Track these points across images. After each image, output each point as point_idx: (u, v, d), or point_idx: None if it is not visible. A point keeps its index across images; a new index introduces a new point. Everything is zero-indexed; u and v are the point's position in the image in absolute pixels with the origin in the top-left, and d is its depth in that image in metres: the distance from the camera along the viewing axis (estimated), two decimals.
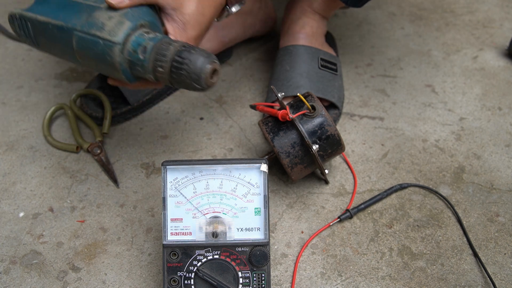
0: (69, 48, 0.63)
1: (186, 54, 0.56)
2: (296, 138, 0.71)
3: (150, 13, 0.63)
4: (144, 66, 0.59)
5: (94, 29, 0.60)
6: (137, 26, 0.60)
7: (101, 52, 0.60)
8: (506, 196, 0.77)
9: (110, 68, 0.61)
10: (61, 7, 0.65)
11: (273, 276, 0.67)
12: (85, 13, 0.62)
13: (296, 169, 0.73)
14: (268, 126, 0.73)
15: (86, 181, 0.80)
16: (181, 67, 0.56)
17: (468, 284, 0.67)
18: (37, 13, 0.65)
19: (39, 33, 0.66)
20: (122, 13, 0.61)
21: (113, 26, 0.59)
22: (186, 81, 0.57)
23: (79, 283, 0.67)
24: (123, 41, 0.59)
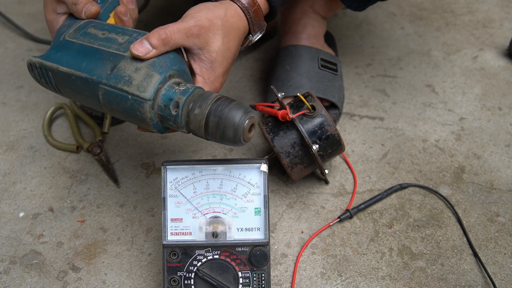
0: (95, 99, 0.60)
1: (222, 109, 0.54)
2: (296, 138, 0.71)
3: (177, 59, 0.60)
4: (177, 121, 0.56)
5: (122, 84, 0.56)
6: (166, 78, 0.56)
7: (130, 107, 0.56)
8: (506, 196, 0.77)
9: (140, 122, 0.58)
10: (82, 54, 0.61)
11: (273, 276, 0.67)
12: (109, 62, 0.59)
13: (296, 169, 0.73)
14: (268, 126, 0.73)
15: (86, 181, 0.80)
16: (216, 125, 0.54)
17: (468, 284, 0.67)
18: (58, 62, 0.62)
19: (61, 83, 0.63)
20: (149, 64, 0.57)
21: (141, 80, 0.56)
22: (224, 137, 0.54)
23: (79, 283, 0.67)
24: (153, 97, 0.55)
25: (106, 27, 0.64)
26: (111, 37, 0.62)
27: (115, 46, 0.60)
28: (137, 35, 0.60)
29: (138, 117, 0.57)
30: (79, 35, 0.63)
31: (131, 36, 0.61)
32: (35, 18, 1.14)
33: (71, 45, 0.63)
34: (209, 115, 0.54)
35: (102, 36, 0.62)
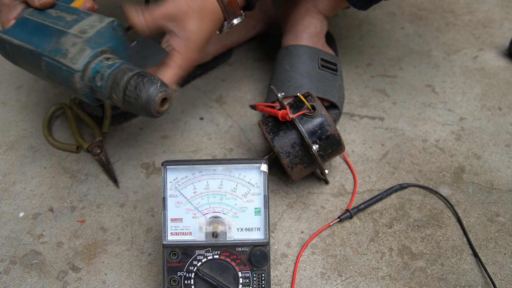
0: (40, 71, 0.66)
1: (138, 82, 0.58)
2: (296, 138, 0.71)
3: (113, 37, 0.65)
4: (102, 92, 0.61)
5: (59, 56, 0.62)
6: (97, 53, 0.62)
7: (65, 78, 0.63)
8: (506, 196, 0.77)
9: (74, 92, 0.64)
10: (35, 30, 0.68)
11: (273, 276, 0.67)
12: (55, 37, 0.65)
13: (296, 169, 0.73)
14: (268, 126, 0.73)
15: (86, 181, 0.80)
16: (131, 95, 0.58)
17: (468, 284, 0.67)
18: (13, 36, 0.68)
19: (16, 55, 0.70)
20: (85, 39, 0.63)
21: (75, 53, 0.62)
22: (138, 108, 0.59)
23: (79, 283, 0.67)
24: (83, 68, 0.61)
25: (61, 7, 0.70)
26: (61, 15, 0.68)
27: (62, 23, 0.66)
28: (85, 15, 0.67)
29: (72, 87, 0.63)
30: (36, 13, 0.69)
31: (78, 16, 0.67)
32: None
33: (28, 21, 0.69)
34: (126, 88, 0.58)
35: (55, 14, 0.68)
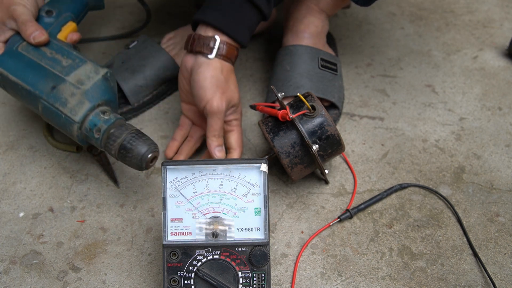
0: (35, 108, 0.73)
1: (132, 142, 0.67)
2: (296, 138, 0.71)
3: (106, 90, 0.73)
4: (97, 143, 0.70)
5: (58, 104, 0.70)
6: (94, 106, 0.70)
7: (63, 123, 0.71)
8: (506, 196, 0.77)
9: (69, 135, 0.72)
10: (30, 68, 0.73)
11: (273, 276, 0.67)
12: (51, 81, 0.71)
13: (296, 169, 0.73)
14: (268, 126, 0.73)
15: (86, 181, 0.80)
16: (126, 153, 0.68)
17: (468, 284, 0.67)
18: (8, 70, 0.73)
19: (8, 87, 0.75)
20: (83, 91, 0.70)
21: (75, 104, 0.70)
22: (130, 163, 0.68)
23: (79, 283, 0.67)
24: (81, 120, 0.70)
25: (55, 47, 0.75)
26: (57, 58, 0.74)
27: (59, 67, 0.72)
28: (79, 61, 0.73)
29: (68, 132, 0.71)
30: (31, 49, 0.74)
31: (73, 61, 0.73)
32: None
33: (22, 56, 0.73)
34: (121, 145, 0.68)
35: (50, 55, 0.74)
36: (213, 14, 0.72)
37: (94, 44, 1.07)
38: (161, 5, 1.18)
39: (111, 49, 1.05)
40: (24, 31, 0.73)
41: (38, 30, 0.73)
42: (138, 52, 0.92)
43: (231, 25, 0.72)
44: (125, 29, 1.11)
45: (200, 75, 0.72)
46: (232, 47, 0.73)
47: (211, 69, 0.72)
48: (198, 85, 0.72)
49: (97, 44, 1.07)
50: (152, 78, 0.90)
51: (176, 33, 0.98)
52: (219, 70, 0.73)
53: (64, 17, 0.79)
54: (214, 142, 0.74)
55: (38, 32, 0.73)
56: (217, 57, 0.72)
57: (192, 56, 0.74)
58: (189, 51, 0.74)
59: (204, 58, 0.73)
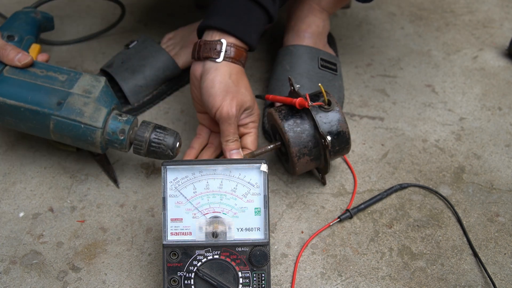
0: (42, 127, 0.72)
1: (159, 136, 0.72)
2: (309, 129, 0.71)
3: (112, 94, 0.75)
4: (123, 143, 0.72)
5: (74, 115, 0.70)
6: (110, 110, 0.72)
7: (82, 134, 0.71)
8: (506, 196, 0.77)
9: (87, 144, 0.73)
10: (26, 89, 0.72)
11: (273, 276, 0.67)
12: (55, 97, 0.71)
13: (302, 160, 0.72)
14: (281, 113, 0.73)
15: (86, 181, 0.80)
16: (156, 148, 0.72)
17: (468, 284, 0.67)
18: (2, 95, 0.72)
19: (5, 113, 0.73)
20: (95, 99, 0.71)
21: (92, 112, 0.71)
22: (161, 155, 0.73)
23: (79, 283, 0.67)
24: (103, 126, 0.71)
25: (42, 66, 0.75)
26: (50, 75, 0.74)
27: (58, 83, 0.73)
28: (74, 74, 0.74)
29: (89, 141, 0.72)
30: (18, 72, 0.74)
31: (69, 75, 0.74)
32: None
33: (12, 80, 0.73)
34: (150, 141, 0.72)
35: (41, 74, 0.74)
36: (219, 18, 0.71)
37: (94, 44, 1.07)
38: (161, 5, 1.18)
39: (111, 49, 1.05)
40: (5, 56, 0.73)
41: (20, 52, 0.73)
42: (138, 52, 0.92)
43: (238, 26, 0.71)
44: (125, 29, 1.11)
45: (208, 82, 0.71)
46: (241, 49, 0.72)
47: (219, 74, 0.71)
48: (207, 93, 0.71)
49: (97, 44, 1.07)
50: (152, 78, 0.90)
51: (176, 33, 0.98)
52: (227, 74, 0.71)
53: (27, 40, 0.79)
54: (228, 146, 0.72)
55: (21, 55, 0.73)
56: (225, 60, 0.71)
57: (200, 63, 0.73)
58: (197, 59, 0.73)
59: (212, 63, 0.71)
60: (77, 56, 1.04)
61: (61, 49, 1.06)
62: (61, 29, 1.12)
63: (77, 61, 1.03)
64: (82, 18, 1.13)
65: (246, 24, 0.72)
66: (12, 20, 0.82)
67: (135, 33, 1.10)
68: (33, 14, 0.85)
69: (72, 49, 1.06)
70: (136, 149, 0.73)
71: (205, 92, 0.71)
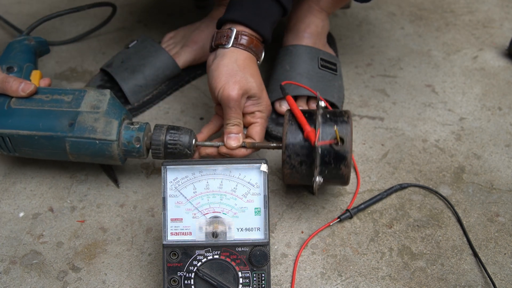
0: (59, 151, 0.73)
1: (174, 137, 0.72)
2: (307, 155, 0.67)
3: (121, 105, 0.75)
4: (140, 151, 0.72)
5: (87, 133, 0.71)
6: (121, 121, 0.72)
7: (99, 150, 0.71)
8: (506, 196, 0.77)
9: (106, 159, 0.73)
10: (35, 117, 0.72)
11: (273, 276, 0.67)
12: (66, 119, 0.72)
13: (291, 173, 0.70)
14: (292, 116, 0.69)
15: (86, 181, 0.80)
16: (174, 149, 0.72)
17: (468, 284, 0.67)
18: (15, 128, 0.72)
19: (21, 145, 0.74)
20: (104, 113, 0.72)
21: (104, 127, 0.71)
22: (179, 155, 0.72)
23: (79, 283, 0.67)
24: (117, 138, 0.71)
25: (45, 91, 0.75)
26: (56, 98, 0.74)
27: (65, 105, 0.73)
28: (79, 92, 0.74)
29: (106, 155, 0.72)
30: (25, 101, 0.74)
31: (74, 95, 0.74)
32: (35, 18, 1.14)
33: (20, 111, 0.73)
34: (167, 144, 0.71)
35: (47, 99, 0.74)
36: (235, 11, 0.73)
37: (94, 44, 1.07)
38: (161, 5, 1.19)
39: (111, 49, 1.05)
40: (9, 88, 0.73)
41: (22, 82, 0.74)
42: (137, 52, 0.92)
43: (251, 17, 0.72)
44: (125, 29, 1.11)
45: (214, 66, 0.72)
46: (252, 37, 0.72)
47: (225, 58, 0.72)
48: (211, 76, 0.72)
49: (97, 44, 1.07)
50: (152, 78, 0.90)
51: (177, 33, 0.98)
52: (233, 59, 0.72)
53: (26, 68, 0.80)
54: (227, 129, 0.72)
55: (24, 84, 0.73)
56: (234, 47, 0.72)
57: (213, 53, 0.74)
58: (210, 49, 0.75)
59: (222, 49, 0.72)
60: (77, 56, 1.04)
61: (61, 49, 1.06)
62: (61, 29, 1.12)
63: (77, 61, 1.03)
64: (82, 18, 1.13)
65: (259, 15, 0.73)
66: (8, 52, 0.82)
67: (135, 33, 1.10)
68: (26, 41, 0.85)
69: (72, 49, 1.06)
70: (155, 154, 0.72)
71: (210, 76, 0.72)
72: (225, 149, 0.72)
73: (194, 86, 0.98)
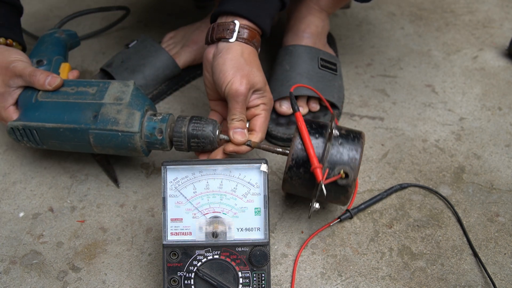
0: (84, 143, 0.72)
1: (197, 128, 0.69)
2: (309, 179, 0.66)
3: (145, 96, 0.74)
4: (163, 143, 0.71)
5: (110, 125, 0.70)
6: (144, 113, 0.71)
7: (121, 142, 0.71)
8: (506, 196, 0.77)
9: (130, 151, 0.72)
10: (61, 109, 0.72)
11: (273, 276, 0.67)
12: (89, 111, 0.71)
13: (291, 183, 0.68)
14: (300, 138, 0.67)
15: (86, 181, 0.80)
16: (198, 140, 0.70)
17: (468, 284, 0.67)
18: (41, 120, 0.72)
19: (48, 137, 0.74)
20: (127, 105, 0.71)
21: (126, 118, 0.70)
22: (204, 148, 0.70)
23: (79, 283, 0.67)
24: (139, 129, 0.70)
25: (72, 83, 0.75)
26: (81, 90, 0.74)
27: (89, 97, 0.73)
28: (103, 84, 0.74)
29: (129, 147, 0.71)
30: (51, 94, 0.74)
31: (98, 86, 0.74)
32: (35, 18, 1.14)
33: (47, 104, 0.73)
34: (190, 135, 0.70)
35: (72, 91, 0.74)
36: (232, 3, 0.72)
37: (94, 44, 1.07)
38: (161, 5, 1.19)
39: (111, 49, 1.05)
40: (36, 82, 0.73)
41: (49, 75, 0.74)
42: (137, 52, 0.92)
43: (252, 9, 0.71)
44: (126, 29, 1.11)
45: (219, 60, 0.70)
46: (254, 31, 0.72)
47: (231, 52, 0.70)
48: (218, 70, 0.70)
49: (97, 44, 1.07)
50: (151, 78, 0.90)
51: (177, 32, 0.98)
52: (239, 53, 0.70)
53: (56, 61, 0.80)
54: (233, 124, 0.70)
55: (50, 77, 0.73)
56: (238, 41, 0.71)
57: (213, 46, 0.73)
58: (210, 42, 0.73)
59: (225, 43, 0.71)
60: (77, 56, 1.04)
61: None
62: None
63: (77, 61, 1.03)
64: (82, 18, 1.13)
65: (259, 8, 0.72)
66: (39, 45, 0.83)
67: (135, 33, 1.10)
68: (57, 34, 0.85)
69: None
70: (178, 146, 0.71)
71: (216, 70, 0.70)
72: (232, 147, 0.70)
73: (194, 86, 0.98)
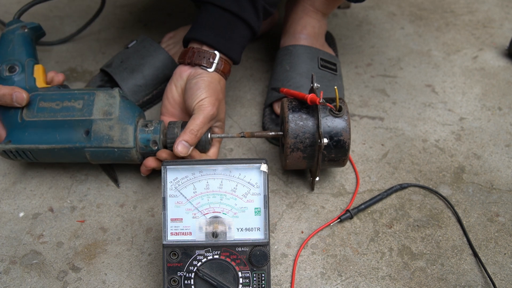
0: (80, 159, 0.73)
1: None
2: (312, 126, 0.71)
3: (133, 105, 0.74)
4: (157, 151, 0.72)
5: (105, 142, 0.71)
6: (136, 125, 0.72)
7: (118, 156, 0.72)
8: (506, 196, 0.77)
9: (127, 161, 0.74)
10: (50, 128, 0.72)
11: (273, 276, 0.67)
12: (81, 128, 0.71)
13: (295, 155, 0.72)
14: (291, 103, 0.73)
15: (86, 181, 0.80)
16: None
17: (468, 284, 0.67)
18: (33, 142, 0.72)
19: (42, 156, 0.74)
20: (118, 119, 0.71)
21: (119, 135, 0.71)
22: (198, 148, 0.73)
23: (79, 283, 0.67)
24: (134, 144, 0.72)
25: (54, 97, 0.73)
26: (66, 105, 0.72)
27: (77, 112, 0.72)
28: (89, 96, 0.73)
29: (127, 159, 0.73)
30: (36, 112, 0.72)
31: (84, 99, 0.73)
32: (35, 18, 1.14)
33: (34, 124, 0.72)
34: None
35: (58, 107, 0.72)
36: (206, 32, 0.74)
37: (94, 44, 1.07)
38: (161, 5, 1.19)
39: (111, 49, 1.05)
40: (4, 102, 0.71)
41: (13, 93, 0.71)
42: (137, 52, 0.92)
43: (225, 43, 0.74)
44: (126, 29, 1.11)
45: (199, 79, 0.73)
46: (227, 63, 0.75)
47: (210, 78, 0.74)
48: (194, 87, 0.73)
49: (97, 44, 1.07)
50: (151, 78, 0.90)
51: (177, 32, 0.98)
52: (216, 81, 0.74)
53: (28, 64, 0.77)
54: (185, 135, 0.69)
55: (15, 95, 0.71)
56: (215, 72, 0.74)
57: (190, 67, 0.75)
58: (187, 64, 0.75)
59: (203, 70, 0.74)
60: (77, 56, 1.04)
61: (61, 49, 1.06)
62: (61, 29, 1.12)
63: (77, 61, 1.03)
64: (82, 18, 1.13)
65: (231, 40, 0.75)
66: (4, 47, 0.78)
67: (135, 33, 1.10)
68: (20, 30, 0.80)
69: (72, 49, 1.06)
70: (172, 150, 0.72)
71: (193, 87, 0.73)
72: (166, 154, 0.72)
73: None
